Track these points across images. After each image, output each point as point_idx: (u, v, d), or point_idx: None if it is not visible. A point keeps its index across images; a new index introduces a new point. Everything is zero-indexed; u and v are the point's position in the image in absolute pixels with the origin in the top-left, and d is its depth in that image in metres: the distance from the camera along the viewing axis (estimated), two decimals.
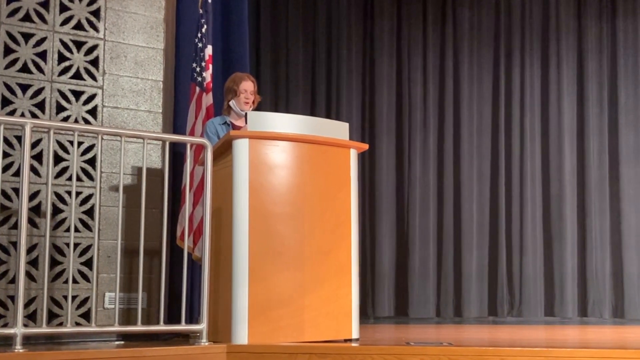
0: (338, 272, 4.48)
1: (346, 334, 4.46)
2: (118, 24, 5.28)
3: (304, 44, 8.79)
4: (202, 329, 4.23)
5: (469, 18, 8.93)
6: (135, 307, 4.84)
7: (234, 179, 4.31)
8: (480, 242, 8.63)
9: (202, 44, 5.44)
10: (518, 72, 8.89)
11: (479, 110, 8.85)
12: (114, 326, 4.26)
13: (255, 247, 4.24)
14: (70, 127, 4.35)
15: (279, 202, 4.35)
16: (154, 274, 5.05)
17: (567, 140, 8.75)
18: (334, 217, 4.51)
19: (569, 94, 8.84)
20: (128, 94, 5.25)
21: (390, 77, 8.83)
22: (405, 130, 8.76)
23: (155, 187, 5.11)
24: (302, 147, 4.45)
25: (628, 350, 4.02)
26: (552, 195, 8.71)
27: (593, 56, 8.88)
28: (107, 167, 5.09)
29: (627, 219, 8.62)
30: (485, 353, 3.87)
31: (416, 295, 8.47)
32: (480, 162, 8.77)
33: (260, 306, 4.21)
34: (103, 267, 4.96)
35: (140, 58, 5.33)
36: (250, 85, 5.26)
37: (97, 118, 5.12)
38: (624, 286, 8.51)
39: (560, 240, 8.61)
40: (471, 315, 8.45)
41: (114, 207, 5.03)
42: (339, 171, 4.59)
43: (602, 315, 8.48)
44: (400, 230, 8.64)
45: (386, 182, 8.67)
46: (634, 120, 8.76)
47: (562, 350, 3.92)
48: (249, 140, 4.32)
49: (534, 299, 8.51)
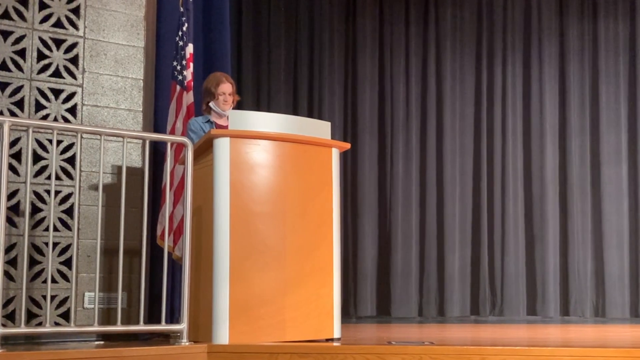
0: (319, 271, 4.47)
1: (328, 334, 4.45)
2: (98, 22, 5.24)
3: (286, 42, 8.76)
4: (182, 328, 4.21)
5: (451, 18, 8.94)
6: (115, 307, 4.80)
7: (215, 178, 4.29)
8: (463, 242, 8.64)
9: (183, 42, 5.41)
10: (500, 71, 8.91)
11: (461, 109, 8.86)
12: (94, 326, 4.23)
13: (236, 246, 4.22)
14: (49, 126, 4.33)
15: (260, 202, 4.34)
16: (135, 273, 5.02)
17: (549, 140, 8.77)
18: (316, 216, 4.50)
19: (550, 93, 8.86)
20: (108, 92, 5.21)
21: (373, 76, 8.83)
22: (387, 130, 8.76)
23: (135, 186, 5.06)
24: (283, 146, 4.44)
25: (609, 349, 4.04)
26: (534, 195, 8.73)
27: (574, 56, 8.91)
28: (86, 165, 5.05)
29: (608, 219, 8.65)
30: (466, 352, 3.87)
31: (398, 295, 8.47)
32: (463, 162, 8.78)
33: (241, 306, 4.20)
34: (82, 266, 4.92)
35: (121, 56, 5.29)
36: (227, 87, 5.21)
37: (76, 116, 5.08)
38: (605, 285, 8.55)
39: (542, 240, 8.63)
40: (453, 315, 8.45)
41: (94, 206, 4.99)
42: (320, 170, 4.58)
43: (583, 314, 8.51)
44: (383, 230, 8.64)
45: (368, 182, 8.67)
46: (615, 120, 8.79)
47: (543, 349, 3.93)
48: (230, 139, 4.31)
49: (516, 298, 8.52)
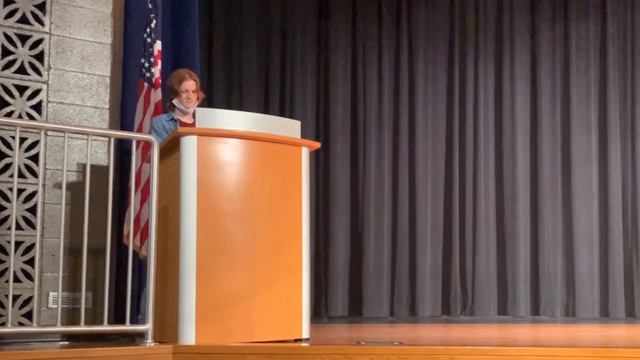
0: (289, 271, 4.43)
1: (296, 334, 4.41)
2: (64, 18, 5.15)
3: (258, 41, 8.73)
4: (147, 329, 4.14)
5: (424, 18, 8.95)
6: (79, 307, 4.73)
7: (182, 176, 4.22)
8: (434, 242, 8.65)
9: (151, 39, 5.34)
10: (472, 72, 8.93)
11: (433, 109, 8.87)
12: (57, 326, 4.15)
13: (203, 246, 4.16)
14: (12, 123, 4.26)
15: (229, 201, 4.28)
16: (100, 273, 4.92)
17: (520, 140, 8.81)
18: (285, 215, 4.46)
19: (522, 94, 8.90)
20: (74, 89, 5.13)
21: (345, 75, 8.82)
22: (360, 130, 8.76)
23: (102, 185, 4.97)
24: (252, 144, 4.38)
25: (578, 348, 4.04)
26: (505, 195, 8.76)
27: (546, 57, 8.95)
28: (51, 163, 4.97)
29: (578, 219, 8.69)
30: (434, 352, 3.85)
31: (370, 295, 8.46)
32: (435, 162, 8.79)
33: (208, 306, 4.14)
34: (47, 265, 4.84)
35: (87, 53, 5.20)
36: (191, 84, 5.14)
37: (41, 114, 5.00)
38: (575, 285, 8.59)
39: (513, 240, 8.66)
40: (425, 315, 8.46)
41: (58, 204, 4.90)
42: (290, 169, 4.53)
43: (554, 314, 8.55)
44: (355, 230, 8.62)
45: (340, 182, 8.66)
46: (585, 122, 8.84)
47: (512, 349, 3.92)
48: (197, 137, 4.24)
49: (487, 298, 8.55)
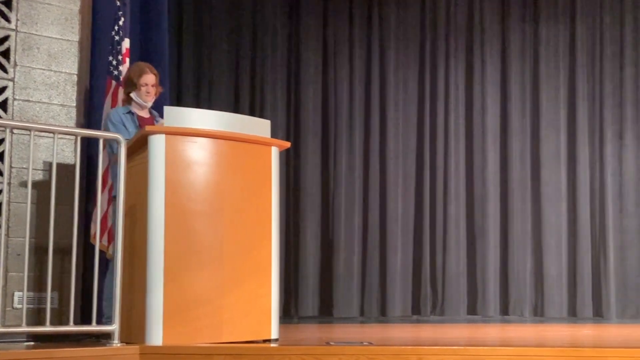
0: (258, 271, 4.40)
1: (265, 334, 4.39)
2: (31, 15, 5.09)
3: (228, 39, 8.68)
4: (113, 329, 4.09)
5: (395, 17, 8.96)
6: (46, 307, 4.66)
7: (150, 175, 4.17)
8: (405, 241, 8.66)
9: (119, 37, 5.29)
10: (443, 73, 8.95)
11: (404, 109, 8.88)
12: (22, 327, 4.09)
13: (171, 245, 4.12)
14: None
15: (197, 200, 4.24)
16: (66, 273, 4.86)
17: (490, 140, 8.85)
18: (254, 215, 4.43)
19: (492, 96, 8.94)
20: (40, 87, 5.07)
21: (316, 75, 8.81)
22: (331, 129, 8.75)
23: (69, 184, 4.90)
24: (221, 144, 4.35)
25: (546, 348, 4.07)
26: (475, 195, 8.80)
27: (516, 59, 9.00)
28: (17, 162, 4.91)
29: (547, 220, 8.76)
30: (403, 352, 3.84)
31: (340, 295, 8.46)
32: (405, 162, 8.81)
33: (176, 306, 4.10)
34: (12, 265, 4.78)
35: (54, 50, 5.14)
36: (151, 78, 5.04)
37: (7, 111, 4.94)
38: (544, 285, 8.65)
39: (483, 240, 8.70)
40: (395, 314, 8.47)
41: (24, 203, 4.81)
42: (259, 169, 4.50)
43: (522, 313, 8.60)
44: (325, 230, 8.61)
45: (311, 181, 8.64)
46: (554, 123, 8.90)
47: (480, 349, 3.93)
48: (165, 136, 4.20)
49: (457, 298, 8.58)
